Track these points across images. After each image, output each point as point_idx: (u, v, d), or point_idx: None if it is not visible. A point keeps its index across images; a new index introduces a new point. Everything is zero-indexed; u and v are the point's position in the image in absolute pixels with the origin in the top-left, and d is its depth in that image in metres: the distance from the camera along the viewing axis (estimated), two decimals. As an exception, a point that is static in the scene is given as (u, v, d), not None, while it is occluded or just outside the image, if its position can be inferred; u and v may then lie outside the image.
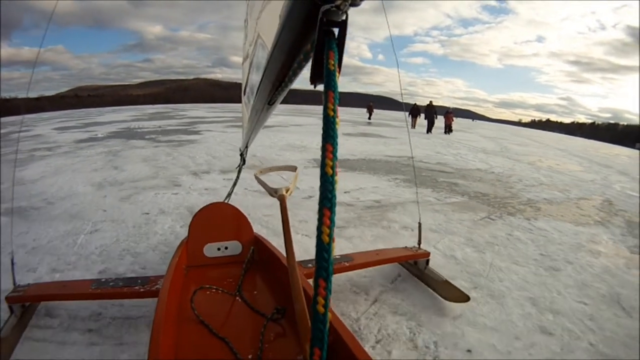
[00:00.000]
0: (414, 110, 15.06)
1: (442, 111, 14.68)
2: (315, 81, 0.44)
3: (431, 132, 13.09)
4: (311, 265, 1.64)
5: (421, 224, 2.09)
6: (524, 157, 8.69)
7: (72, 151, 6.28)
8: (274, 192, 1.42)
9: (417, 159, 6.38)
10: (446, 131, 13.86)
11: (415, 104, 15.32)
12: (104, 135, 8.99)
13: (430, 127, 13.34)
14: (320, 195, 0.37)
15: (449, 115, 14.27)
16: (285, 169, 1.83)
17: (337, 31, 0.40)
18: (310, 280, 1.15)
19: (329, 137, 0.38)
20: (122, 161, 5.24)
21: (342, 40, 0.41)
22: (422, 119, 14.57)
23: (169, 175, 4.31)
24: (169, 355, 0.90)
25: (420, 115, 14.90)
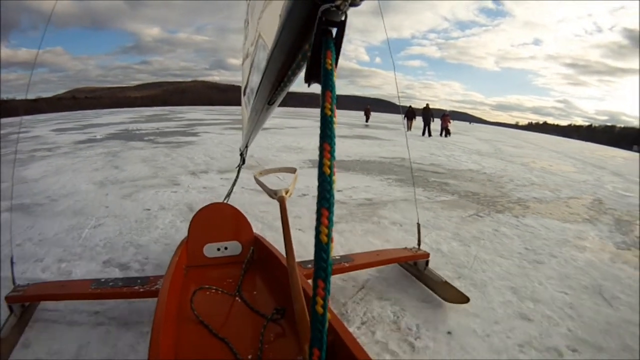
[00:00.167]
0: (410, 113, 15.17)
1: (439, 114, 14.78)
2: (309, 80, 0.44)
3: (430, 135, 13.11)
4: (311, 265, 1.63)
5: (420, 225, 2.09)
6: (517, 158, 8.77)
7: (72, 152, 6.36)
8: (273, 194, 1.43)
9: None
10: (443, 134, 13.84)
11: (410, 107, 15.43)
12: (103, 136, 9.06)
13: (427, 130, 13.34)
14: (318, 195, 0.37)
15: (445, 117, 14.28)
16: (284, 171, 1.84)
17: (335, 31, 0.41)
18: (310, 280, 1.15)
19: (327, 137, 0.38)
20: (121, 161, 5.34)
21: (339, 40, 0.41)
22: (419, 122, 14.66)
23: (168, 174, 4.42)
24: (168, 355, 0.90)
25: (415, 117, 15.00)
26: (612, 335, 1.67)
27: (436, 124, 14.30)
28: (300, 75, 0.58)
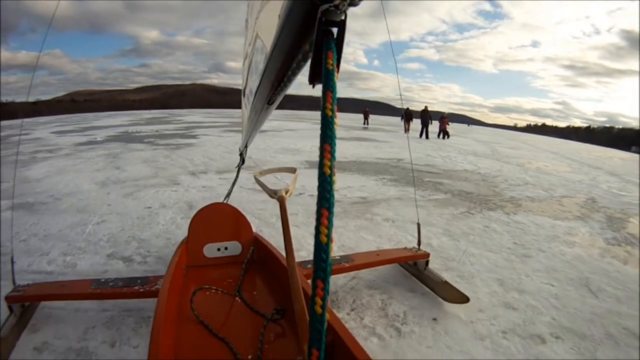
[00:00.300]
0: (407, 115, 15.26)
1: (437, 116, 14.76)
2: (314, 81, 0.44)
3: (427, 137, 13.12)
4: (311, 265, 1.62)
5: (420, 225, 2.08)
6: (514, 159, 8.85)
7: (73, 153, 6.45)
8: (273, 194, 1.43)
9: (406, 161, 6.60)
10: (441, 136, 13.86)
11: (407, 109, 15.52)
12: (103, 138, 9.15)
13: (424, 132, 13.36)
14: (318, 195, 0.37)
15: (443, 120, 14.32)
16: (284, 171, 1.85)
17: (336, 31, 0.40)
18: (310, 280, 1.21)
19: (327, 137, 0.38)
20: (122, 162, 5.43)
21: (340, 40, 0.41)
22: (417, 124, 14.72)
23: (168, 175, 4.51)
24: (168, 355, 0.90)
25: (412, 119, 15.07)
26: (596, 324, 1.72)
27: (434, 127, 14.34)
28: (299, 75, 0.59)
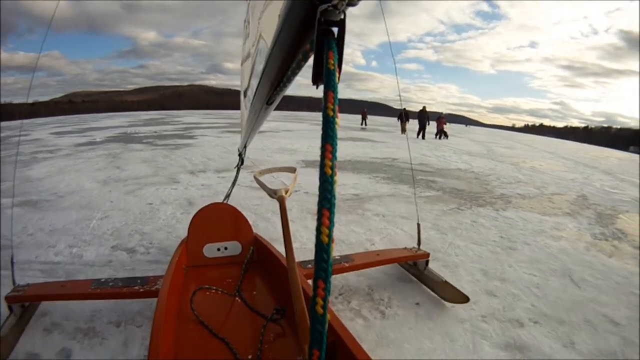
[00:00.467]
0: (403, 115, 15.37)
1: (435, 117, 14.74)
2: (317, 82, 0.44)
3: (424, 137, 13.15)
4: (311, 265, 1.62)
5: (420, 225, 2.08)
6: (508, 158, 8.93)
7: (73, 153, 6.54)
8: (273, 194, 1.43)
9: (400, 160, 6.74)
10: (438, 136, 13.91)
11: (404, 109, 15.65)
12: (102, 139, 9.23)
13: (421, 132, 13.41)
14: (319, 195, 0.37)
15: (441, 120, 14.38)
16: (284, 170, 1.86)
17: (336, 31, 0.41)
18: (310, 280, 1.17)
19: (329, 138, 0.37)
20: (122, 162, 5.53)
21: (341, 40, 0.41)
22: (413, 125, 14.79)
23: (168, 174, 4.63)
24: (168, 355, 0.90)
25: (409, 120, 15.16)
26: (574, 311, 1.80)
27: (432, 127, 14.41)
28: (299, 76, 0.58)
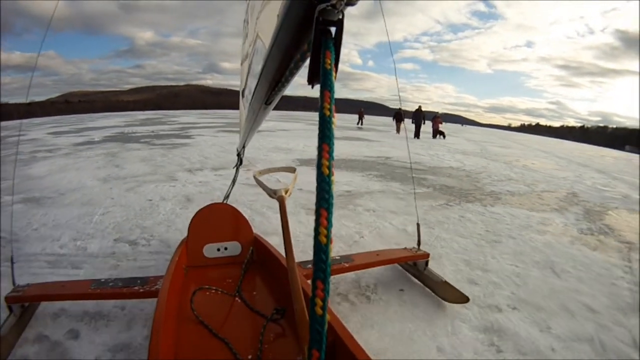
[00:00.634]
0: (398, 115, 15.48)
1: (431, 116, 14.92)
2: (313, 81, 0.44)
3: (418, 137, 13.20)
4: (310, 265, 1.60)
5: (419, 225, 2.09)
6: (502, 157, 9.06)
7: (72, 153, 6.64)
8: (273, 194, 1.43)
9: (393, 159, 6.89)
10: (436, 136, 13.98)
11: (399, 109, 15.78)
12: (100, 139, 9.31)
13: (417, 132, 13.49)
14: (317, 195, 0.37)
15: (436, 119, 14.49)
16: (284, 170, 1.87)
17: (334, 31, 0.40)
18: (310, 280, 1.28)
19: (325, 137, 0.38)
20: (121, 161, 5.64)
21: (339, 40, 0.41)
22: (409, 125, 14.86)
23: (166, 172, 4.74)
24: (168, 355, 0.91)
25: (404, 119, 15.26)
26: (553, 299, 1.89)
27: (427, 126, 14.48)
28: (297, 75, 0.59)
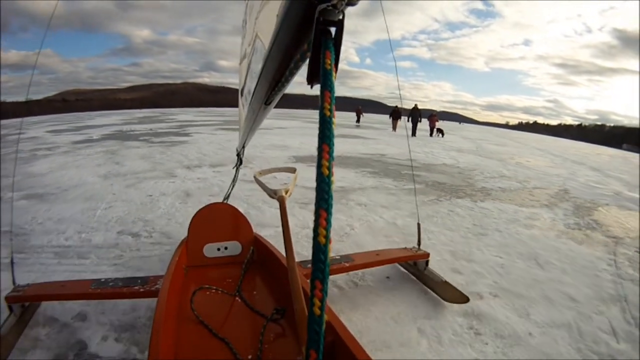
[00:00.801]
0: (395, 113, 15.59)
1: (427, 114, 14.94)
2: (312, 81, 0.44)
3: (414, 135, 13.31)
4: (310, 265, 1.90)
5: (420, 225, 2.08)
6: (496, 155, 9.16)
7: (72, 150, 6.72)
8: (273, 194, 1.43)
9: (388, 156, 7.02)
10: (434, 134, 14.09)
11: (396, 107, 15.87)
12: (99, 137, 9.38)
13: (414, 130, 13.60)
14: (316, 196, 0.37)
15: (432, 118, 14.59)
16: (284, 171, 1.88)
17: (334, 31, 0.40)
18: (309, 280, 1.41)
19: (326, 138, 0.37)
20: (121, 158, 5.74)
21: (339, 40, 0.41)
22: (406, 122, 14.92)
23: (165, 168, 4.86)
24: (168, 355, 0.91)
25: (400, 118, 15.36)
26: (535, 288, 1.95)
27: (424, 124, 14.56)
28: (297, 75, 0.59)
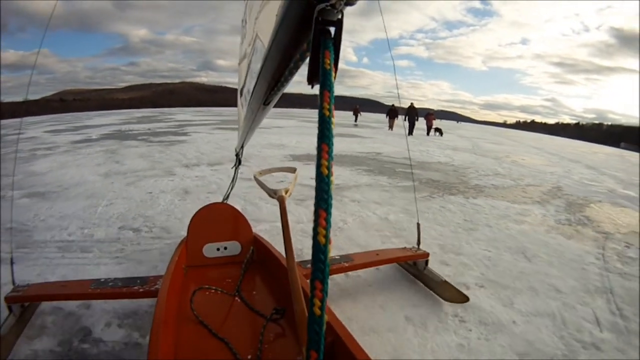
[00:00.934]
0: (392, 112, 15.67)
1: (423, 113, 15.08)
2: (312, 81, 0.44)
3: (411, 133, 13.35)
4: (310, 265, 1.93)
5: (420, 225, 2.09)
6: (492, 153, 9.23)
7: (72, 150, 6.78)
8: (273, 194, 1.43)
9: (383, 155, 7.11)
10: (432, 133, 14.15)
11: (393, 105, 15.97)
12: (98, 136, 9.43)
13: (410, 129, 13.60)
14: (315, 196, 0.37)
15: (429, 116, 14.65)
16: (284, 170, 1.89)
17: (333, 31, 0.41)
18: (309, 280, 1.43)
19: (325, 137, 0.37)
20: (120, 157, 5.82)
21: (338, 39, 0.41)
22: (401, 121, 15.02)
23: (164, 167, 4.95)
24: (168, 355, 0.91)
25: (397, 117, 15.44)
26: (521, 280, 1.99)
27: (421, 123, 14.68)
28: (296, 75, 0.59)
